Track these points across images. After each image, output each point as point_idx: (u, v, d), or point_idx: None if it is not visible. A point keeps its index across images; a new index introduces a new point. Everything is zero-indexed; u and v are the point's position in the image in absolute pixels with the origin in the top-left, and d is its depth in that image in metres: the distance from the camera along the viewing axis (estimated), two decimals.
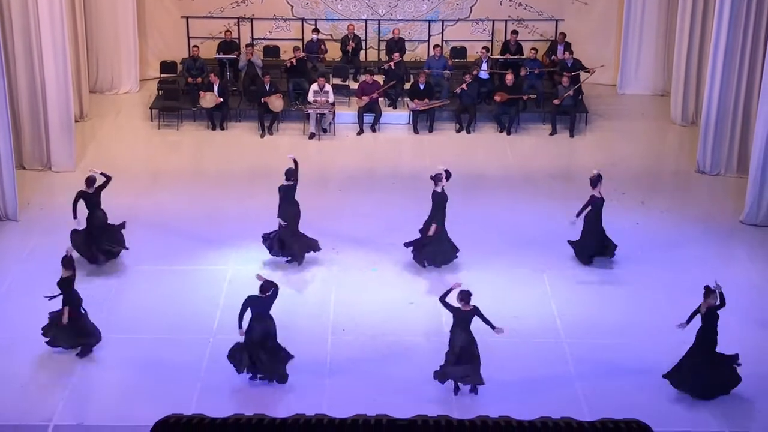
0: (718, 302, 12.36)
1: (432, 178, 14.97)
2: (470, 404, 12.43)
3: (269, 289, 12.57)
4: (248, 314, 12.68)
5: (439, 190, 15.00)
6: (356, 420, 9.82)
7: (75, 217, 15.06)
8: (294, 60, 20.99)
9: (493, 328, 12.48)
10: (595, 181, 15.05)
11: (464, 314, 12.46)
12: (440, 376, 12.71)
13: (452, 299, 12.49)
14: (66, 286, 13.04)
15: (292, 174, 15.10)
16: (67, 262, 13.08)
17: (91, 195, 15.06)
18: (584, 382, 12.82)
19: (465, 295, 12.46)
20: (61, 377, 12.83)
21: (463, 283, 12.68)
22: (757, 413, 12.44)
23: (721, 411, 12.36)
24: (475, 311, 12.44)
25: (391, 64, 21.10)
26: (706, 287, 12.45)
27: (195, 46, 21.53)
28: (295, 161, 15.22)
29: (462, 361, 12.53)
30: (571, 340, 13.69)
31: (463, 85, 20.38)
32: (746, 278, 15.09)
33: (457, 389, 12.76)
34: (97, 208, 15.15)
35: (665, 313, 14.23)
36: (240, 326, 12.63)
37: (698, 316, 12.51)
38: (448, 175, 15.03)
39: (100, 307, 14.22)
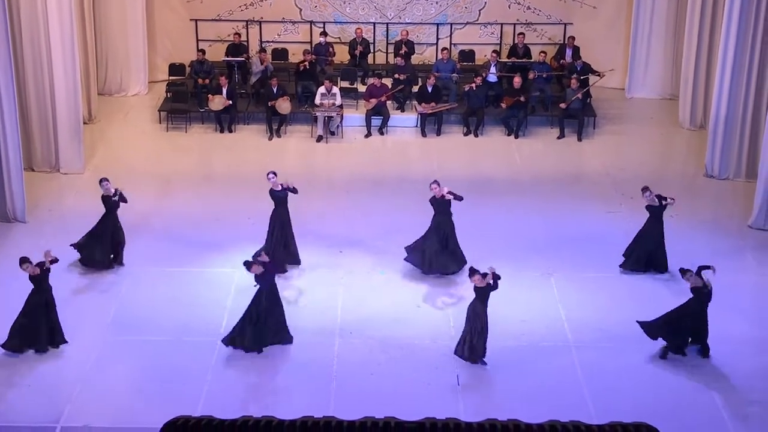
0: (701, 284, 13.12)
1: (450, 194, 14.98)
2: (479, 407, 12.42)
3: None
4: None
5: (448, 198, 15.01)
6: (364, 422, 9.82)
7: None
8: (306, 64, 20.98)
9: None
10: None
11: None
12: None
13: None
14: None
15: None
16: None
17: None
18: (592, 386, 12.80)
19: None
20: (69, 378, 12.83)
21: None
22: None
23: (733, 424, 12.32)
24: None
25: (399, 75, 21.02)
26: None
27: (201, 49, 21.55)
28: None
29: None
30: (579, 344, 13.67)
31: (472, 85, 20.37)
32: (754, 282, 15.05)
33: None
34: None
35: None
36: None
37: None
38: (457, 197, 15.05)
39: (108, 308, 14.26)
